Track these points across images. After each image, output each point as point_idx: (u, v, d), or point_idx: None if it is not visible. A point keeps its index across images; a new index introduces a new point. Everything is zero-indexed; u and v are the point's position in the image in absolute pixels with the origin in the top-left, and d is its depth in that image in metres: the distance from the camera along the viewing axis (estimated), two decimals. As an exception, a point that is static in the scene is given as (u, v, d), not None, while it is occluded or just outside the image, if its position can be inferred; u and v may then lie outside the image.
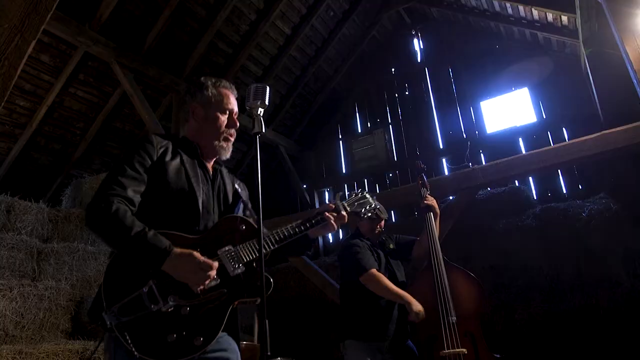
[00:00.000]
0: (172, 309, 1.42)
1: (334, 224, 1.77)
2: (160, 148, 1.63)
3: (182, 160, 1.66)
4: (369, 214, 1.97)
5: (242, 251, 1.59)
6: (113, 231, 1.43)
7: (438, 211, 3.10)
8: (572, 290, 4.31)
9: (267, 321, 1.36)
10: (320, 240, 7.41)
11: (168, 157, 1.63)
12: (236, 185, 1.84)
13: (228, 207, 1.77)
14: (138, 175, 1.54)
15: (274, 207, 6.40)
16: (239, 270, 1.56)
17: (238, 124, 1.81)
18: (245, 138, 7.57)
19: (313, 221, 1.74)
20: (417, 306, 2.70)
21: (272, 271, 5.87)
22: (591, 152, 3.73)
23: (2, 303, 3.54)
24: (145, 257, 1.42)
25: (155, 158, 1.60)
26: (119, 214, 1.43)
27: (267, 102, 1.59)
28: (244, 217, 1.68)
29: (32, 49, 2.13)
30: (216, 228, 1.62)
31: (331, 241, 7.52)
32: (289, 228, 1.69)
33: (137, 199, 1.52)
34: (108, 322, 1.35)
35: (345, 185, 7.86)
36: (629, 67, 3.26)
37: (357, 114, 8.17)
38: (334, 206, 1.82)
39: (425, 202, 3.07)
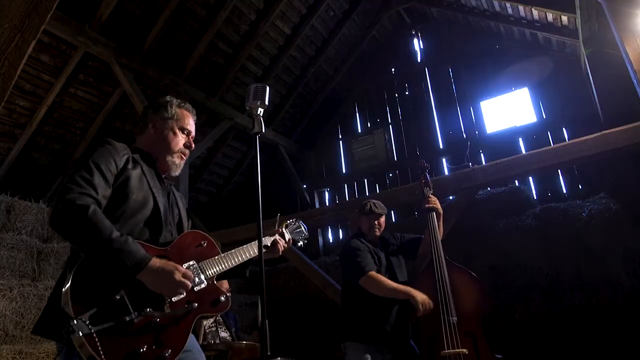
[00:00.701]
0: (143, 320, 1.39)
1: (280, 250, 1.92)
2: (123, 155, 1.62)
3: (142, 170, 1.66)
4: (303, 242, 2.16)
5: (204, 267, 1.61)
6: (89, 233, 1.36)
7: (441, 211, 3.08)
8: (572, 290, 4.31)
9: (267, 321, 1.37)
10: (320, 240, 7.41)
11: (130, 166, 1.62)
12: (182, 202, 1.89)
13: (181, 223, 1.80)
14: (106, 179, 1.51)
15: (274, 207, 6.39)
16: (202, 286, 1.57)
17: (193, 146, 1.86)
18: (245, 138, 7.58)
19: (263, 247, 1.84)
20: (421, 296, 2.69)
21: (272, 271, 5.87)
22: (591, 152, 3.73)
23: (2, 303, 3.53)
24: (121, 263, 1.37)
25: (120, 165, 1.59)
26: (97, 215, 1.39)
27: (267, 102, 1.60)
28: (205, 234, 1.71)
29: (32, 49, 2.13)
30: (180, 242, 1.62)
31: (331, 241, 7.52)
32: (241, 253, 1.75)
33: (104, 203, 1.49)
34: (78, 332, 1.26)
35: (345, 185, 7.87)
36: (629, 67, 3.26)
37: (357, 114, 8.18)
38: (281, 231, 1.96)
39: (427, 204, 3.06)
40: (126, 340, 1.34)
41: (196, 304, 1.51)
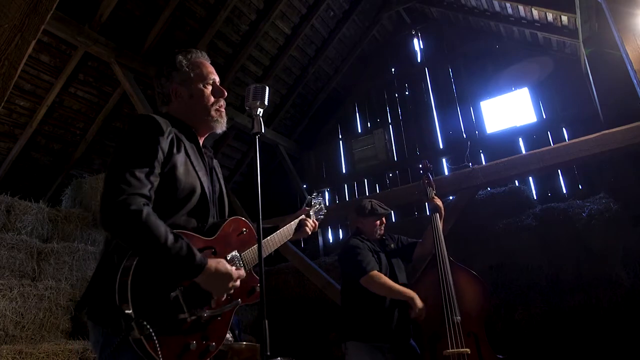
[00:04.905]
0: (193, 318, 1.40)
1: (308, 232, 1.97)
2: (168, 137, 1.51)
3: (186, 151, 1.58)
4: (321, 217, 2.14)
5: (246, 256, 1.62)
6: (145, 239, 1.32)
7: (444, 212, 3.09)
8: (572, 290, 4.31)
9: (267, 321, 1.37)
10: (320, 240, 7.41)
11: (175, 149, 1.53)
12: (220, 172, 1.84)
13: (222, 198, 1.76)
14: (154, 170, 1.42)
15: (274, 207, 6.40)
16: (243, 275, 1.57)
17: (225, 93, 1.76)
18: (245, 138, 7.58)
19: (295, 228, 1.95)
20: (420, 303, 2.71)
21: (272, 271, 5.87)
22: (591, 152, 3.73)
23: (2, 303, 3.53)
24: (177, 269, 1.36)
25: (166, 149, 1.49)
26: (150, 220, 1.33)
27: (266, 102, 1.59)
28: (246, 221, 1.70)
29: (32, 49, 2.13)
30: (224, 231, 1.60)
31: (331, 241, 7.52)
32: (279, 237, 1.86)
33: (153, 196, 1.42)
34: (138, 333, 1.26)
35: (345, 185, 7.87)
36: (629, 67, 3.26)
37: (357, 114, 8.18)
38: (307, 211, 2.03)
39: (433, 202, 3.06)
40: (178, 338, 1.38)
41: (240, 300, 1.55)
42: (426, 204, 3.16)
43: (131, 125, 1.50)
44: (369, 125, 7.97)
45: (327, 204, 7.76)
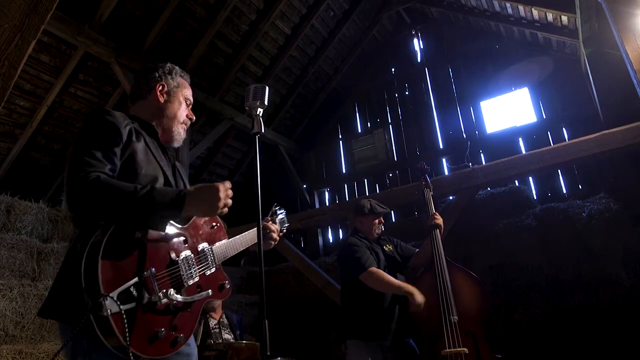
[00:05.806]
0: (165, 302, 1.34)
1: (273, 242, 1.89)
2: (125, 127, 1.51)
3: (146, 143, 1.57)
4: (285, 232, 2.11)
5: (215, 251, 1.60)
6: (111, 197, 1.29)
7: (443, 226, 3.08)
8: (572, 290, 4.31)
9: (266, 321, 1.37)
10: (320, 240, 7.41)
11: (134, 138, 1.52)
12: (186, 174, 1.85)
13: None
14: (114, 154, 1.43)
15: (274, 207, 6.38)
16: (212, 270, 1.56)
17: (194, 119, 1.83)
18: (245, 138, 7.58)
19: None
20: (419, 297, 2.70)
21: (272, 271, 5.88)
22: (591, 152, 3.73)
23: (2, 303, 3.53)
24: (159, 207, 1.33)
25: (124, 138, 1.48)
26: (111, 181, 1.33)
27: (266, 102, 1.60)
28: (216, 216, 1.68)
29: (32, 49, 2.13)
30: (196, 221, 1.58)
31: (331, 241, 7.52)
32: (246, 239, 1.80)
33: (115, 177, 1.42)
34: (107, 310, 1.18)
35: (345, 185, 7.87)
36: (629, 67, 3.27)
37: (357, 114, 8.18)
38: (270, 219, 1.98)
39: (432, 222, 3.06)
40: (148, 322, 1.31)
41: (210, 291, 1.51)
42: (427, 213, 3.13)
43: (88, 117, 1.53)
44: (369, 125, 7.97)
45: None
